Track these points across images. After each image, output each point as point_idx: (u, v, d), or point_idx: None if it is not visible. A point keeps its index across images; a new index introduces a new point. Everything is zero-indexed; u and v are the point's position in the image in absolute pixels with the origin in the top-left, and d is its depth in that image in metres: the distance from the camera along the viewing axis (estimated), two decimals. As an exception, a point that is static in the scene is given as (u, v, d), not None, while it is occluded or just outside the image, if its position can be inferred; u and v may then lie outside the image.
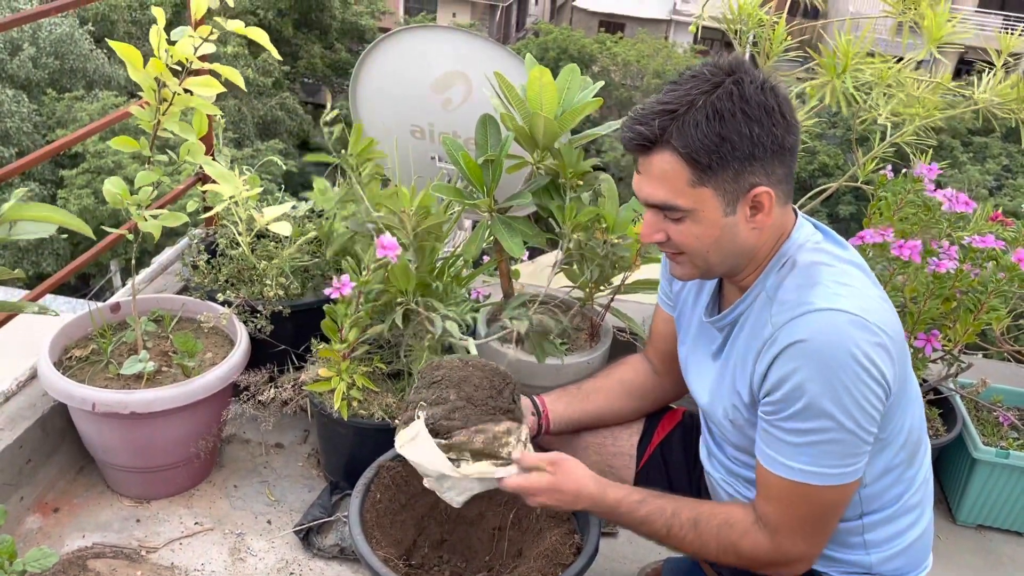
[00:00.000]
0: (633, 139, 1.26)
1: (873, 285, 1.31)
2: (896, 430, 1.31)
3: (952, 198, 2.00)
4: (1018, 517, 2.19)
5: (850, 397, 1.19)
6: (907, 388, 1.32)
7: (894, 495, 1.37)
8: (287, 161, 16.26)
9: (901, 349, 1.27)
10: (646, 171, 1.27)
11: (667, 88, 1.26)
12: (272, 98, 17.02)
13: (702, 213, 1.26)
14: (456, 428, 1.42)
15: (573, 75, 1.82)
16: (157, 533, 1.98)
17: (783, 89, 1.25)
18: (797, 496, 1.26)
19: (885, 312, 1.25)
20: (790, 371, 1.21)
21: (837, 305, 1.21)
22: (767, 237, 1.30)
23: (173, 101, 1.77)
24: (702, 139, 1.20)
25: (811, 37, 2.36)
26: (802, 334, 1.21)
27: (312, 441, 2.30)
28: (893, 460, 1.34)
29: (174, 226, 1.88)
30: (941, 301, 1.99)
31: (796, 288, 1.26)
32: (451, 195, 1.86)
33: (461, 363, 1.51)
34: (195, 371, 1.97)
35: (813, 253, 1.30)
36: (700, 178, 1.23)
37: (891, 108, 2.01)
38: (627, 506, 1.39)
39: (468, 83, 2.46)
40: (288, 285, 2.22)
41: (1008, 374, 2.56)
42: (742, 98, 1.20)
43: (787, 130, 1.24)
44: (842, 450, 1.22)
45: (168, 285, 2.54)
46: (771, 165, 1.24)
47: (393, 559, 1.57)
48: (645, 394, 1.71)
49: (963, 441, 2.15)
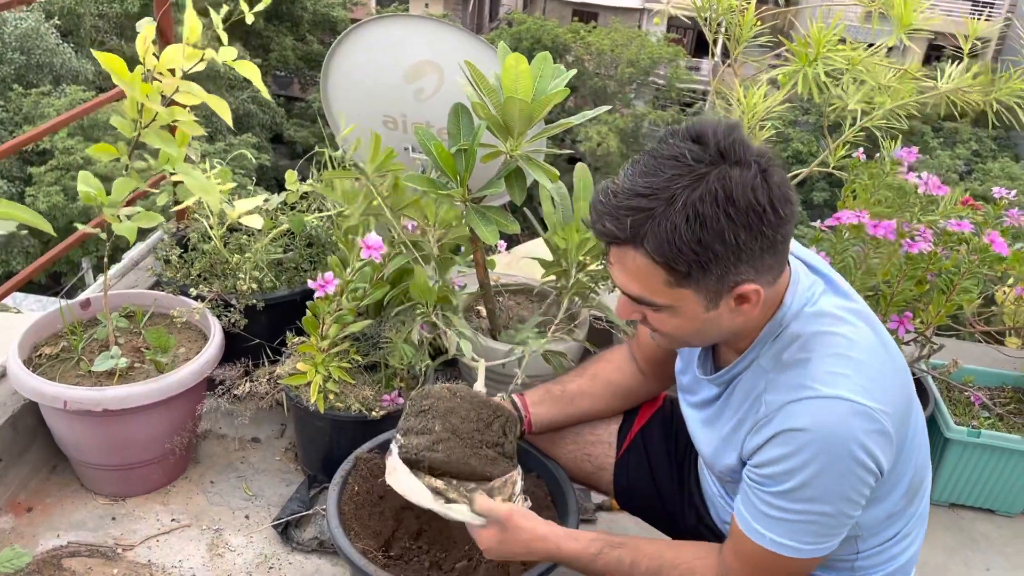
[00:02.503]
0: (603, 233, 1.14)
1: (875, 335, 1.23)
2: (897, 480, 1.28)
3: (927, 181, 2.02)
4: (990, 495, 2.23)
5: (840, 489, 1.16)
6: (912, 441, 1.28)
7: (892, 532, 1.35)
8: (260, 155, 16.08)
9: (903, 415, 1.22)
10: (619, 263, 1.16)
11: (642, 165, 1.12)
12: (244, 91, 16.83)
13: (681, 310, 1.17)
14: (439, 460, 1.42)
15: (546, 63, 1.81)
16: (133, 531, 1.96)
17: (779, 175, 1.11)
18: (765, 561, 1.23)
19: (887, 379, 1.19)
20: (784, 455, 1.16)
21: (838, 391, 1.14)
22: (757, 315, 1.21)
23: (156, 118, 1.74)
24: (680, 246, 1.08)
25: (782, 24, 2.37)
26: (800, 422, 1.15)
27: (289, 435, 2.29)
28: (895, 507, 1.31)
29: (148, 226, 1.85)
30: (914, 283, 2.01)
31: (792, 365, 1.19)
32: (425, 185, 1.85)
33: (450, 394, 1.49)
34: (168, 367, 1.95)
35: (811, 321, 1.21)
36: (678, 281, 1.13)
37: (862, 94, 2.02)
38: (585, 559, 1.36)
39: (440, 73, 2.44)
40: (262, 278, 2.20)
41: (979, 355, 2.59)
42: (728, 199, 1.06)
43: (779, 226, 1.11)
44: (820, 531, 1.19)
45: (140, 280, 2.51)
46: (759, 260, 1.12)
47: (372, 551, 1.57)
48: (631, 394, 1.68)
49: (935, 421, 2.18)
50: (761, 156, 1.11)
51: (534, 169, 1.81)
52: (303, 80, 20.46)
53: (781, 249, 1.15)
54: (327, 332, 1.81)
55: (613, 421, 1.72)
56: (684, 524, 1.62)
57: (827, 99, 2.13)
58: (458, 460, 1.43)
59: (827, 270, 1.30)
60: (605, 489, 1.72)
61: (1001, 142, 17.68)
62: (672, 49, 20.16)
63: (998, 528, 2.23)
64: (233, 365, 2.03)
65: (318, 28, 20.00)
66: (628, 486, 1.69)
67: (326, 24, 19.90)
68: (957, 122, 17.04)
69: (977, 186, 14.01)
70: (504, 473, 1.46)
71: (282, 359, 2.03)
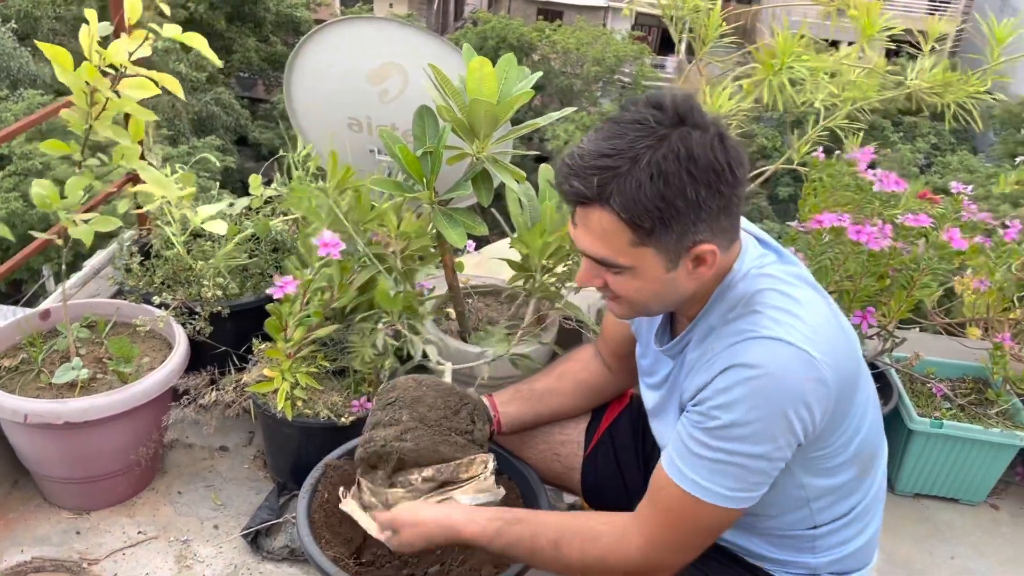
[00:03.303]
0: (570, 193, 1.18)
1: (822, 300, 1.27)
2: (841, 443, 1.28)
3: (884, 178, 2.05)
4: (953, 484, 2.27)
5: (770, 430, 1.17)
6: (860, 408, 1.29)
7: (847, 506, 1.36)
8: (225, 157, 15.86)
9: (847, 374, 1.23)
10: (583, 224, 1.20)
11: (606, 130, 1.17)
12: (207, 93, 16.62)
13: (642, 270, 1.20)
14: (408, 449, 1.41)
15: (511, 65, 1.81)
16: (99, 544, 1.93)
17: (733, 140, 1.17)
18: (685, 509, 1.23)
19: (832, 337, 1.22)
20: (723, 388, 1.18)
21: (782, 335, 1.17)
22: (710, 279, 1.25)
23: (107, 106, 1.70)
24: (645, 202, 1.12)
25: (747, 22, 2.38)
26: (742, 358, 1.18)
27: (258, 442, 2.26)
28: (844, 477, 1.32)
29: (106, 230, 1.81)
30: (876, 279, 2.03)
31: (739, 317, 1.23)
32: (391, 188, 1.84)
33: (415, 383, 1.49)
34: (132, 377, 1.92)
35: (758, 280, 1.25)
36: (641, 239, 1.17)
37: (826, 94, 2.05)
38: (485, 539, 1.35)
39: (404, 75, 2.43)
40: (226, 285, 2.17)
41: (940, 347, 2.64)
42: (690, 158, 1.12)
43: (735, 186, 1.16)
44: (743, 475, 1.20)
45: (101, 289, 2.47)
46: (716, 221, 1.17)
47: (343, 558, 1.56)
48: (599, 392, 1.70)
49: (899, 413, 2.22)
50: (716, 122, 1.17)
51: (500, 171, 1.81)
52: (267, 82, 20.25)
53: (735, 212, 1.20)
54: (291, 335, 1.80)
55: (582, 420, 1.73)
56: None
57: (799, 98, 2.16)
58: (427, 448, 1.42)
59: (777, 245, 1.34)
60: (575, 489, 1.73)
61: (959, 135, 18.02)
62: (637, 47, 20.26)
63: (962, 517, 2.27)
64: (199, 374, 1.99)
65: (282, 29, 19.81)
66: (596, 484, 1.70)
67: (290, 25, 19.71)
68: (916, 116, 17.34)
69: (937, 179, 14.28)
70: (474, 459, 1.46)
71: (249, 366, 2.00)
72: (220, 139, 16.00)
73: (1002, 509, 2.31)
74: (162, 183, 1.82)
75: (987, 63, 2.03)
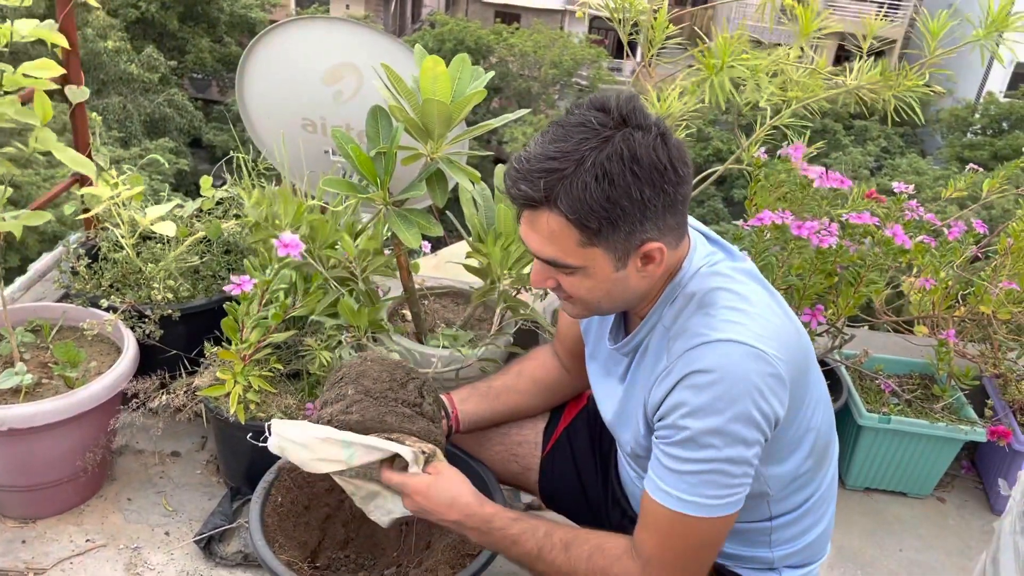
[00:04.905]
0: (518, 196, 1.20)
1: (769, 296, 1.29)
2: (798, 437, 1.31)
3: (823, 175, 2.10)
4: (901, 478, 2.33)
5: (737, 432, 1.18)
6: (812, 399, 1.32)
7: (802, 498, 1.39)
8: (178, 160, 15.55)
9: (798, 366, 1.26)
10: (533, 227, 1.22)
11: (552, 133, 1.19)
12: (159, 95, 16.32)
13: (592, 270, 1.23)
14: (354, 422, 1.40)
15: (464, 65, 1.80)
16: (45, 553, 1.88)
17: (675, 140, 1.20)
18: (674, 528, 1.24)
19: (781, 331, 1.24)
20: (684, 399, 1.20)
21: (733, 335, 1.19)
22: (659, 277, 1.28)
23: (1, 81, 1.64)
24: (591, 203, 1.15)
25: (702, 23, 2.42)
26: (697, 365, 1.19)
27: (210, 447, 2.23)
28: (800, 468, 1.34)
29: (43, 227, 1.77)
30: (824, 276, 2.08)
31: (690, 317, 1.25)
32: (344, 189, 1.83)
33: (360, 359, 1.50)
34: (79, 382, 1.88)
35: (707, 279, 1.27)
36: (590, 239, 1.19)
37: (769, 93, 2.09)
38: (501, 521, 1.36)
39: (359, 75, 2.42)
40: (177, 287, 2.13)
41: (888, 344, 2.70)
42: (633, 158, 1.14)
43: (679, 184, 1.19)
44: (722, 481, 1.21)
45: (47, 293, 2.41)
46: (662, 219, 1.20)
47: (298, 562, 1.54)
48: (556, 391, 1.71)
49: (849, 409, 2.26)
50: (658, 122, 1.19)
51: (455, 171, 1.81)
52: (221, 83, 19.94)
53: (681, 210, 1.23)
54: (247, 336, 1.77)
55: (539, 420, 1.73)
56: (609, 521, 1.64)
57: (742, 98, 2.19)
58: (372, 419, 1.40)
59: (725, 242, 1.37)
60: (532, 489, 1.74)
61: (908, 139, 18.45)
62: (594, 50, 20.39)
63: (910, 510, 2.32)
64: (149, 378, 1.96)
65: (236, 29, 19.52)
66: (553, 484, 1.70)
67: (244, 25, 19.43)
68: (867, 120, 17.71)
69: (887, 181, 14.58)
70: (424, 430, 1.44)
71: (200, 370, 1.97)
72: (173, 141, 15.72)
73: (948, 502, 2.37)
74: (79, 162, 1.76)
75: (924, 58, 2.09)
